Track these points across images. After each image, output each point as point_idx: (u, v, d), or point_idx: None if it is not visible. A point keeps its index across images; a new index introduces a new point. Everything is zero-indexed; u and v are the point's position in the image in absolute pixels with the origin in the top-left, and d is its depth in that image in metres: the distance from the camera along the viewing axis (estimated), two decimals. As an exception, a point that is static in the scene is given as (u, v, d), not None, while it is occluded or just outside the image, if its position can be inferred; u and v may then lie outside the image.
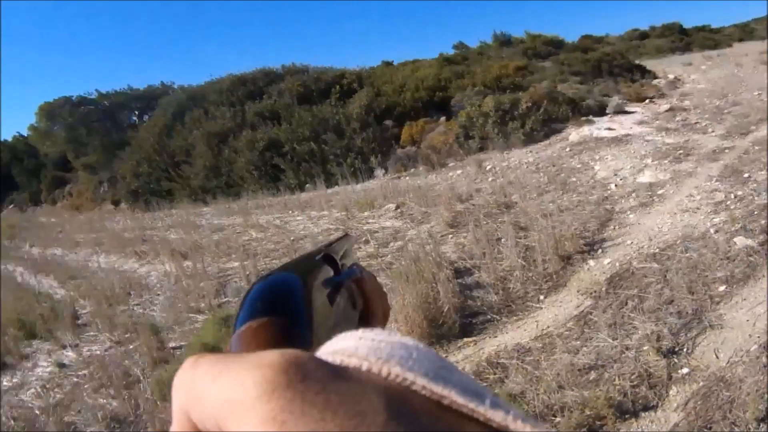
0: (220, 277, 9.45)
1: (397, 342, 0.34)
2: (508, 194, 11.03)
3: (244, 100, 23.36)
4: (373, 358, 0.32)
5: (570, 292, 6.59)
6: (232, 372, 0.31)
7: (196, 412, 0.32)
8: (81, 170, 30.67)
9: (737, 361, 4.72)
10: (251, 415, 0.28)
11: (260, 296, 0.53)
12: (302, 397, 0.28)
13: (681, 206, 8.69)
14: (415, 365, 0.32)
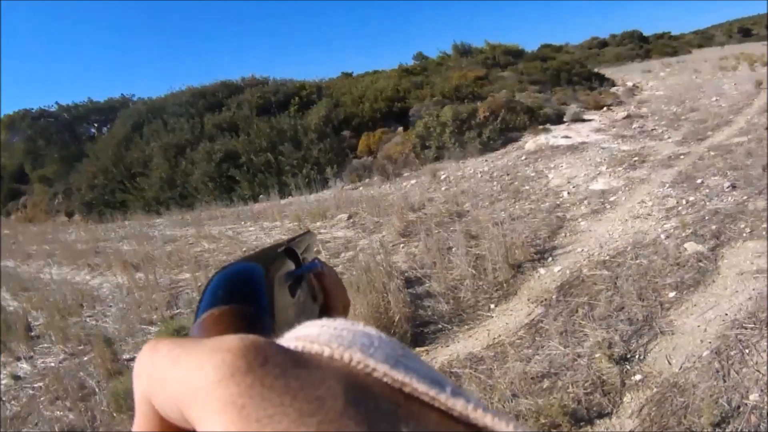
0: (172, 289, 9.41)
1: (359, 330, 0.35)
2: (460, 203, 11.13)
3: (203, 112, 23.46)
4: (335, 344, 0.33)
5: (521, 301, 6.65)
6: (192, 356, 0.32)
7: (157, 398, 0.33)
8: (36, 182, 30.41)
9: (690, 366, 4.80)
10: (211, 400, 0.29)
11: (222, 284, 0.54)
12: (261, 381, 0.29)
13: (632, 213, 8.83)
14: (377, 352, 0.33)
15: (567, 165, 12.64)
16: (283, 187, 17.18)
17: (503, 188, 11.83)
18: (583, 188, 10.69)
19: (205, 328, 0.47)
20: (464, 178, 13.64)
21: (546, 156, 13.93)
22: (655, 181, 10.24)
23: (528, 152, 14.77)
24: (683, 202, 8.81)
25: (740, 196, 8.65)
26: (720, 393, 4.37)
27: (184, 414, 0.31)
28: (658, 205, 8.95)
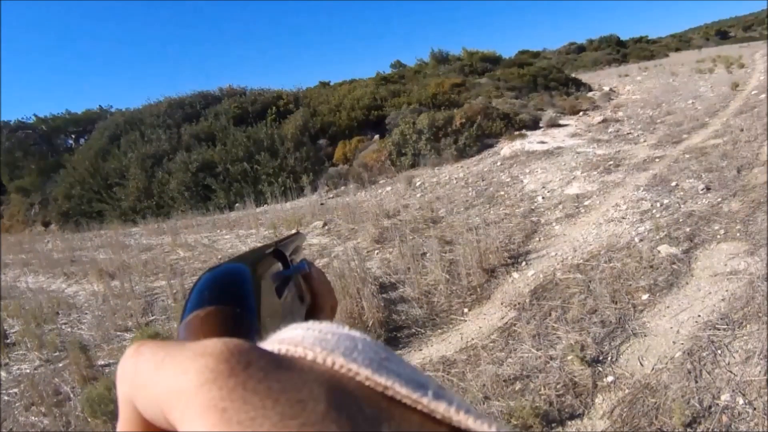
0: (147, 296, 9.39)
1: (344, 334, 0.36)
2: (435, 209, 11.20)
3: (180, 122, 23.56)
4: (318, 348, 0.34)
5: (494, 305, 6.72)
6: (175, 360, 0.32)
7: (140, 401, 0.34)
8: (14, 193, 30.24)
9: (662, 367, 4.88)
10: (193, 403, 0.29)
11: (208, 285, 0.54)
12: (244, 385, 0.29)
13: (607, 216, 8.95)
14: (360, 356, 0.33)
15: (542, 170, 12.74)
16: (259, 195, 17.34)
17: (478, 194, 11.92)
18: (558, 193, 10.80)
19: (190, 329, 0.47)
20: (439, 185, 13.72)
21: (521, 161, 14.04)
22: (630, 185, 10.37)
23: (504, 158, 14.88)
24: (657, 205, 8.91)
25: (715, 198, 8.77)
26: (692, 393, 4.44)
27: (167, 417, 0.31)
28: (633, 208, 9.06)
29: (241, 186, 18.26)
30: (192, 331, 0.47)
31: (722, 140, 12.58)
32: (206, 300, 0.51)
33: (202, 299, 0.51)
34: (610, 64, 54.75)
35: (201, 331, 0.46)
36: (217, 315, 0.49)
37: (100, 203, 21.80)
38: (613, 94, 26.55)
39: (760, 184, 9.10)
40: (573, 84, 29.14)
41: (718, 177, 9.80)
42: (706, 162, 10.94)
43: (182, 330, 0.48)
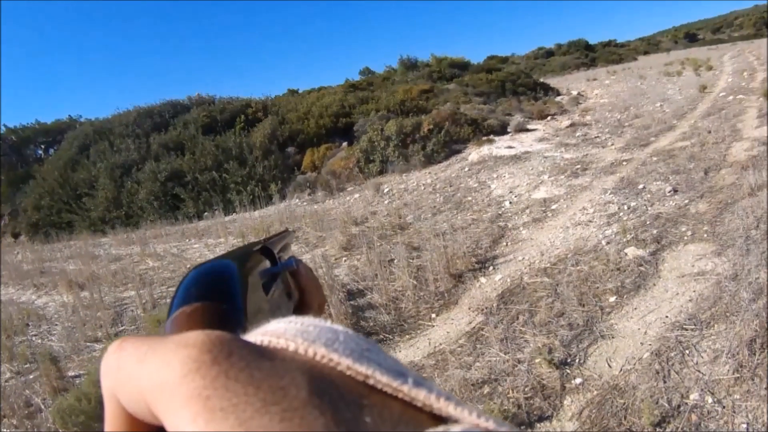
0: (116, 306, 9.34)
1: (325, 326, 0.37)
2: (403, 216, 11.24)
3: (149, 132, 23.57)
4: (300, 339, 0.35)
5: (462, 310, 6.75)
6: (158, 353, 0.33)
7: (124, 395, 0.35)
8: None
9: (630, 368, 4.93)
10: (177, 393, 0.30)
11: (195, 282, 0.55)
12: (226, 373, 0.30)
13: (574, 220, 9.03)
14: (341, 347, 0.34)
15: (510, 175, 12.82)
16: (227, 204, 17.43)
17: (446, 200, 11.98)
18: (525, 197, 10.87)
19: (177, 325, 0.48)
20: (407, 191, 13.76)
21: (489, 167, 14.11)
22: (597, 188, 10.47)
23: (471, 163, 14.94)
24: (625, 208, 9.01)
25: (682, 200, 8.88)
26: (660, 393, 4.49)
27: (151, 409, 0.32)
28: (600, 211, 9.15)
29: (210, 195, 18.30)
30: (178, 327, 0.48)
31: (690, 142, 12.73)
32: (193, 296, 0.52)
33: (189, 295, 0.52)
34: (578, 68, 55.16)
35: (187, 327, 0.47)
36: (204, 311, 0.50)
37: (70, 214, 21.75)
38: (581, 98, 26.72)
39: (728, 185, 9.22)
40: (541, 89, 29.31)
41: (686, 179, 9.92)
42: (673, 164, 11.07)
43: (169, 326, 0.49)
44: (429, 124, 17.67)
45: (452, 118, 18.47)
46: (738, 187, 8.94)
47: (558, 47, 72.66)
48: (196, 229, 15.07)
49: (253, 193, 17.32)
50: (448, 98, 23.05)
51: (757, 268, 6.20)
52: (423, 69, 32.23)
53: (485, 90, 26.01)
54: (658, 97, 22.00)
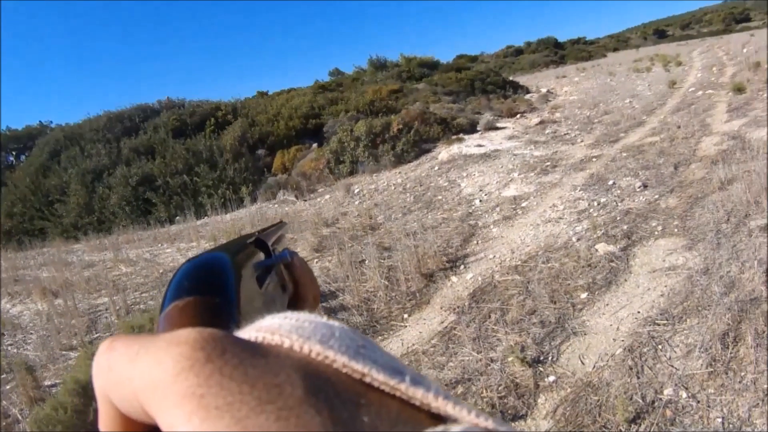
0: (91, 314, 9.27)
1: (321, 323, 0.36)
2: (373, 216, 11.24)
3: (120, 136, 23.45)
4: (295, 336, 0.34)
5: (434, 309, 6.74)
6: (150, 352, 0.32)
7: (117, 395, 0.34)
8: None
9: (603, 365, 4.95)
10: (170, 392, 0.29)
11: (188, 275, 0.55)
12: (220, 371, 0.29)
13: (544, 217, 9.06)
14: (336, 343, 0.33)
15: (480, 173, 12.86)
16: (199, 208, 17.36)
17: (416, 199, 12.00)
18: (495, 195, 10.91)
19: (170, 320, 0.48)
20: (378, 191, 13.77)
21: (459, 165, 14.15)
22: (567, 185, 10.53)
23: (441, 162, 14.97)
24: (595, 204, 9.06)
25: (652, 195, 8.93)
26: (634, 389, 4.51)
27: (144, 409, 0.32)
28: (570, 208, 9.19)
29: (181, 199, 18.23)
30: (171, 322, 0.47)
31: (659, 138, 12.83)
32: (185, 290, 0.51)
33: (182, 289, 0.51)
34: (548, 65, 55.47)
35: (180, 322, 0.46)
36: (197, 305, 0.49)
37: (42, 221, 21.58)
38: (551, 95, 26.89)
39: (698, 179, 9.29)
40: (510, 87, 29.48)
41: (656, 174, 9.98)
42: (643, 160, 11.14)
43: (162, 321, 0.48)
44: (398, 123, 17.71)
45: (422, 118, 18.53)
46: (708, 182, 9.01)
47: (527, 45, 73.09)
48: (168, 233, 15.01)
49: (224, 196, 17.31)
50: (417, 98, 23.13)
51: (728, 261, 6.25)
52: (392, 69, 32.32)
53: (454, 89, 26.10)
54: (628, 93, 22.18)
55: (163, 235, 14.80)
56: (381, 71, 32.78)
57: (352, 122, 18.80)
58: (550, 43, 71.98)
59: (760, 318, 5.07)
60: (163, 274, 10.62)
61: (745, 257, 6.28)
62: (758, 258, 6.13)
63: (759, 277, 5.73)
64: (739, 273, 5.97)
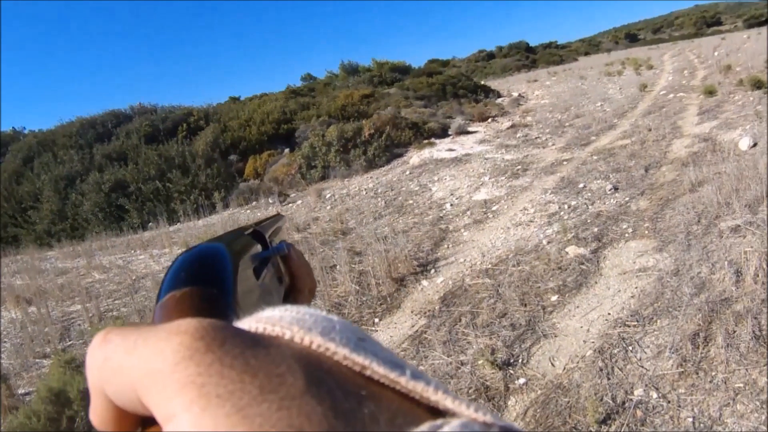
0: (64, 321, 9.21)
1: (321, 315, 0.36)
2: (345, 221, 11.24)
3: (92, 142, 23.31)
4: (296, 327, 0.34)
5: (404, 313, 6.75)
6: (149, 342, 0.32)
7: (112, 388, 0.34)
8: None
9: (573, 367, 4.98)
10: (170, 381, 0.29)
11: (185, 265, 0.54)
12: (221, 360, 0.29)
13: (514, 220, 9.10)
14: (337, 336, 0.33)
15: (451, 177, 12.90)
16: (172, 214, 17.30)
17: (388, 204, 12.01)
18: (466, 199, 10.94)
19: (166, 311, 0.48)
20: (349, 196, 13.78)
21: (430, 170, 14.18)
22: (538, 188, 10.59)
23: (413, 167, 15.00)
24: (565, 207, 9.11)
25: (623, 198, 9.00)
26: (604, 391, 4.54)
27: (142, 400, 0.32)
28: (540, 211, 9.23)
29: (154, 205, 18.14)
30: (168, 312, 0.47)
31: (630, 141, 12.94)
32: (182, 280, 0.51)
33: (179, 279, 0.51)
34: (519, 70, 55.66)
35: (176, 312, 0.46)
36: (193, 296, 0.49)
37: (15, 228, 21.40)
38: (522, 99, 27.02)
39: (668, 181, 9.37)
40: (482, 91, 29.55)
41: (626, 177, 10.06)
42: (614, 162, 11.23)
43: (158, 311, 0.48)
44: (370, 128, 17.74)
45: (393, 123, 18.56)
46: (679, 184, 9.08)
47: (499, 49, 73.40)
48: (141, 239, 14.92)
49: (196, 201, 17.23)
50: (389, 102, 23.17)
51: (699, 263, 6.30)
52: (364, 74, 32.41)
53: (426, 93, 26.17)
54: (599, 96, 22.35)
55: (136, 242, 14.74)
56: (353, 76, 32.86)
57: (323, 127, 18.82)
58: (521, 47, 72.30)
59: (730, 318, 5.11)
60: (136, 280, 10.58)
61: (716, 258, 6.33)
62: (728, 259, 6.17)
63: (729, 278, 5.78)
64: (709, 274, 6.02)
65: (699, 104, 16.06)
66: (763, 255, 5.97)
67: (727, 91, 16.83)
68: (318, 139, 17.53)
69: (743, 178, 8.23)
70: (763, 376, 4.32)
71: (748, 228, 6.84)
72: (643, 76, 27.79)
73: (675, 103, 17.49)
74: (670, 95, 19.16)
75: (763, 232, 6.57)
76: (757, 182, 7.87)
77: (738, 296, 5.49)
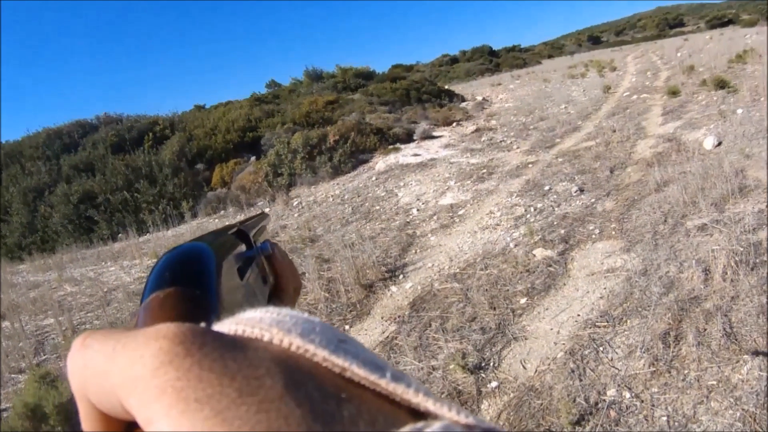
0: (38, 335, 9.15)
1: (302, 317, 0.36)
2: (312, 228, 11.22)
3: (60, 153, 23.21)
4: (275, 329, 0.34)
5: (375, 320, 6.74)
6: (129, 347, 0.32)
7: (95, 394, 0.34)
8: None
9: (545, 369, 4.99)
10: (150, 386, 0.29)
11: (168, 265, 0.54)
12: (200, 365, 0.29)
13: (481, 224, 9.13)
14: (317, 337, 0.34)
15: (416, 182, 12.92)
16: (141, 224, 17.25)
17: (354, 210, 12.00)
18: (433, 204, 10.96)
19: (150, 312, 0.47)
20: (316, 203, 13.78)
21: (396, 175, 14.20)
22: (504, 192, 10.62)
23: (378, 172, 15.02)
24: (531, 210, 9.14)
25: (588, 199, 9.05)
26: (577, 392, 4.55)
27: (123, 405, 0.32)
28: (507, 214, 9.26)
29: (123, 216, 18.04)
30: (151, 313, 0.47)
31: (595, 142, 13.03)
32: (166, 281, 0.51)
33: (163, 280, 0.51)
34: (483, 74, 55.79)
35: (160, 313, 0.47)
36: (177, 296, 0.49)
37: (-15, 242, 21.09)
38: (486, 103, 27.11)
39: (634, 182, 9.44)
40: (446, 95, 29.65)
41: (592, 178, 10.12)
42: (579, 164, 11.30)
43: (142, 312, 0.48)
44: (335, 135, 17.76)
45: (358, 128, 18.58)
46: (644, 184, 9.15)
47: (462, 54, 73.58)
48: (111, 251, 14.86)
49: (165, 211, 17.18)
50: (353, 108, 23.19)
51: (667, 262, 6.35)
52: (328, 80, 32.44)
53: (390, 99, 26.21)
54: (563, 99, 22.48)
55: (106, 253, 14.67)
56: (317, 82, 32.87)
57: (289, 134, 18.80)
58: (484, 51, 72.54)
59: (700, 316, 5.15)
60: (108, 292, 10.50)
61: (684, 257, 6.38)
62: (696, 257, 6.23)
63: (698, 277, 5.83)
64: (678, 273, 6.07)
65: (663, 105, 16.21)
66: (730, 253, 6.02)
67: (690, 92, 16.99)
68: (283, 147, 17.52)
69: (708, 177, 8.32)
70: (736, 373, 4.35)
71: (715, 226, 6.91)
72: (607, 78, 28.01)
73: (639, 104, 17.66)
74: (633, 96, 19.33)
75: (730, 230, 6.64)
76: (722, 181, 7.95)
77: (707, 294, 5.53)
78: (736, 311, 5.13)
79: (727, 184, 7.83)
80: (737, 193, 7.71)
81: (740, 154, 9.21)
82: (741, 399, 4.09)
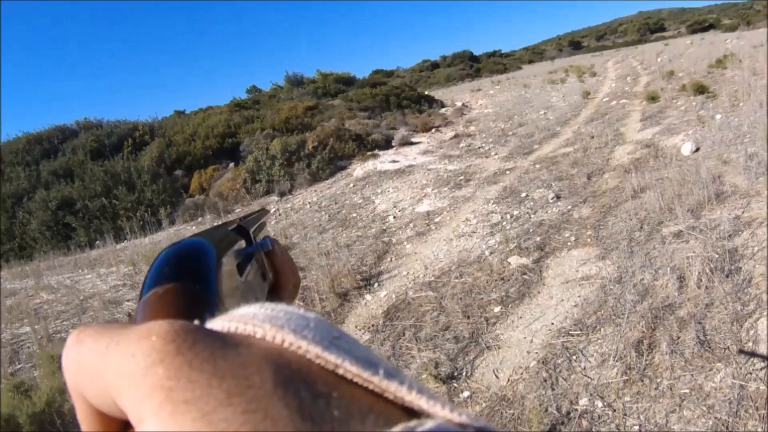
0: (13, 344, 9.11)
1: (296, 313, 0.36)
2: (289, 235, 11.20)
3: (39, 159, 23.15)
4: (268, 325, 0.34)
5: (349, 329, 6.67)
6: (121, 345, 0.32)
7: (89, 391, 0.34)
8: None
9: (517, 378, 4.99)
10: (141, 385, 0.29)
11: (168, 261, 0.54)
12: (190, 364, 0.30)
13: (457, 232, 9.12)
14: (310, 334, 0.33)
15: (394, 189, 12.93)
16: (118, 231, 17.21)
17: (331, 217, 12.00)
18: (409, 211, 10.97)
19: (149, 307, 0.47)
20: (294, 210, 13.77)
21: (374, 182, 14.22)
22: (480, 199, 10.63)
23: (356, 179, 15.04)
24: (507, 217, 9.15)
25: (565, 206, 9.07)
26: (549, 401, 4.55)
27: (116, 403, 0.32)
28: (483, 221, 9.27)
29: (101, 222, 17.98)
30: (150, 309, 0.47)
31: (573, 148, 13.07)
32: (166, 276, 0.51)
33: (162, 275, 0.51)
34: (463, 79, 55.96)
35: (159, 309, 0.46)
36: (177, 292, 0.49)
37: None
38: (466, 109, 27.19)
39: (611, 188, 9.47)
40: (425, 101, 29.74)
41: (569, 185, 10.15)
42: (556, 171, 11.32)
43: (141, 308, 0.48)
44: (313, 141, 17.79)
45: (336, 135, 18.62)
46: (621, 191, 9.18)
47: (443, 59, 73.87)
48: (88, 258, 14.80)
49: (143, 218, 17.14)
50: (333, 114, 23.26)
51: (642, 269, 6.36)
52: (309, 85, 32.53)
53: (370, 105, 26.29)
54: (542, 105, 22.55)
55: (83, 260, 14.61)
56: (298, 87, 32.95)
57: (267, 140, 18.82)
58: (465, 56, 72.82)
59: (674, 324, 5.17)
60: (84, 300, 10.45)
61: (659, 264, 6.40)
62: (671, 265, 6.24)
63: (672, 284, 5.84)
64: (652, 280, 6.08)
65: (642, 110, 16.29)
66: (705, 260, 6.04)
67: (669, 97, 17.08)
68: (262, 153, 17.52)
69: (685, 183, 8.35)
70: (709, 381, 4.36)
71: (691, 233, 6.93)
72: (587, 83, 28.13)
73: (618, 109, 17.73)
74: (613, 102, 19.42)
75: (706, 237, 6.66)
76: (699, 187, 7.98)
77: (681, 302, 5.55)
78: (710, 319, 5.15)
79: (704, 190, 7.86)
80: (714, 199, 7.75)
81: (718, 159, 9.24)
82: (714, 407, 4.10)
